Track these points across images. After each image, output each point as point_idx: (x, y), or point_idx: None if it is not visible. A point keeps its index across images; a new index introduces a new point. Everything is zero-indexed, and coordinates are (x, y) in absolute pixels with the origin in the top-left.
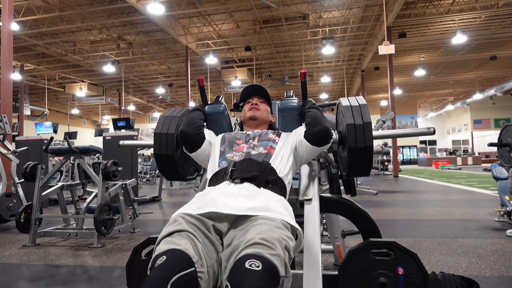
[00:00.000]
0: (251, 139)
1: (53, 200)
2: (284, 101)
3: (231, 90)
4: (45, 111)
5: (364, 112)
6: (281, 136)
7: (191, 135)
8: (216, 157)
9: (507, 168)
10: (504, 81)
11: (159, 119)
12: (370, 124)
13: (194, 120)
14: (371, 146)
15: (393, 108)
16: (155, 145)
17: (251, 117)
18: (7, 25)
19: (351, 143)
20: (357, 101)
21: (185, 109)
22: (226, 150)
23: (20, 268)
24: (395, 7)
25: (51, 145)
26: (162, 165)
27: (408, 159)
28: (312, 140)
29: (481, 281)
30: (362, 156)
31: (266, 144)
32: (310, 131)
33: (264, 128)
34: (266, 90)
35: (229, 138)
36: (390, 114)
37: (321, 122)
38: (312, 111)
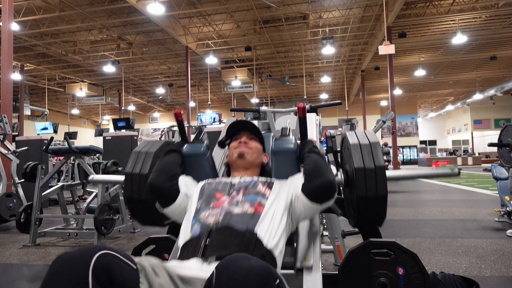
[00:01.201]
0: (235, 190)
1: (53, 200)
2: (279, 142)
3: (231, 90)
4: (45, 111)
5: (376, 153)
6: (273, 188)
7: (163, 188)
8: (190, 216)
9: (507, 168)
10: (504, 81)
11: (131, 155)
12: (383, 168)
13: (167, 167)
14: (384, 195)
15: (393, 108)
16: (126, 188)
17: (239, 154)
18: (7, 25)
19: (361, 191)
20: (367, 137)
21: (162, 142)
22: (202, 207)
23: (20, 268)
24: (395, 7)
25: (51, 145)
26: (135, 211)
27: (408, 159)
28: (311, 196)
29: (481, 281)
30: (374, 207)
31: (253, 199)
32: (309, 184)
33: (255, 172)
34: (256, 126)
35: (208, 190)
36: (390, 114)
37: (323, 173)
38: (312, 157)
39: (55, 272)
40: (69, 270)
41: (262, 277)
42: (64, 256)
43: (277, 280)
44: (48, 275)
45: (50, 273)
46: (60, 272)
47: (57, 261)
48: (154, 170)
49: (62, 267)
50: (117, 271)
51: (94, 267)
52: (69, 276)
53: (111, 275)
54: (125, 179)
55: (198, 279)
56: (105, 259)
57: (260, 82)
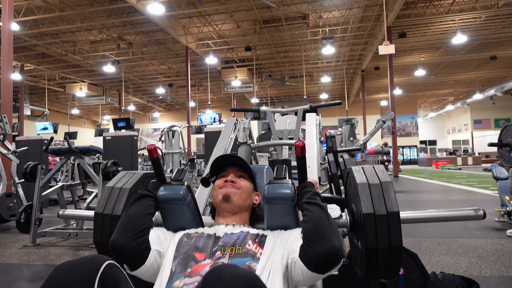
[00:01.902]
0: (220, 250)
1: (53, 200)
2: (272, 186)
3: (231, 90)
4: (45, 111)
5: (388, 195)
6: (265, 246)
7: (128, 248)
8: (162, 283)
9: (507, 168)
10: (504, 81)
11: (103, 191)
12: (397, 214)
13: (135, 221)
14: (399, 247)
15: (393, 108)
16: (95, 230)
17: (224, 196)
18: (7, 25)
19: (370, 241)
20: (377, 175)
21: (140, 174)
22: (177, 271)
23: (20, 268)
24: (395, 7)
25: (51, 145)
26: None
27: (408, 159)
28: (311, 265)
29: (481, 281)
30: (386, 260)
31: (242, 263)
32: (309, 250)
33: (244, 217)
34: (245, 161)
35: (186, 248)
36: (390, 114)
37: (327, 236)
38: (312, 213)
39: (59, 278)
40: (74, 276)
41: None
42: (70, 262)
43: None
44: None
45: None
46: (65, 278)
47: (62, 266)
48: (118, 226)
49: (67, 273)
50: (123, 284)
51: (101, 276)
52: (74, 281)
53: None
54: (95, 221)
55: None
56: (112, 269)
57: (260, 82)
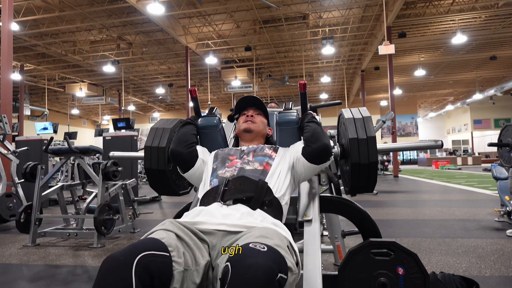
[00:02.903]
0: (245, 154)
1: (53, 200)
2: (282, 114)
3: (231, 90)
4: (45, 111)
5: (368, 126)
6: (278, 152)
7: (182, 154)
8: (208, 175)
9: (507, 168)
10: (504, 81)
11: (149, 131)
12: (374, 138)
13: (185, 136)
14: (375, 162)
15: (393, 108)
16: (146, 159)
17: (246, 129)
18: (7, 25)
19: (354, 158)
20: (361, 113)
21: (177, 120)
22: (219, 167)
23: (20, 268)
24: (395, 7)
25: (51, 145)
26: (153, 180)
27: (408, 159)
28: (310, 158)
29: (481, 281)
30: (366, 173)
31: (262, 159)
32: (308, 148)
33: (260, 142)
34: (262, 102)
35: (222, 155)
36: (390, 114)
37: (320, 138)
38: (310, 126)
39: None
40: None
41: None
42: (110, 258)
43: (278, 275)
44: (99, 277)
45: (101, 274)
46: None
47: (103, 266)
48: (174, 140)
49: (110, 269)
50: (155, 269)
51: (136, 269)
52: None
53: (150, 272)
54: (145, 152)
55: (218, 232)
56: (145, 260)
57: (260, 82)
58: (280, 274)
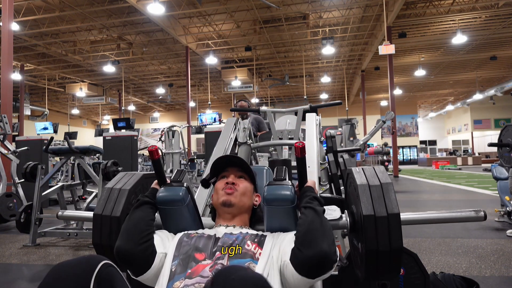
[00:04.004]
0: (219, 251)
1: (53, 200)
2: (272, 188)
3: (231, 90)
4: (45, 111)
5: (388, 197)
6: (264, 246)
7: (134, 253)
8: (162, 284)
9: (507, 168)
10: (504, 81)
11: (102, 191)
12: (397, 216)
13: (138, 227)
14: (399, 249)
15: (393, 108)
16: (94, 231)
17: (224, 202)
18: (7, 25)
19: (371, 243)
20: (378, 176)
21: (140, 175)
22: (177, 272)
23: (20, 268)
24: (395, 7)
25: (51, 145)
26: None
27: (408, 159)
28: (300, 269)
29: (481, 281)
30: (386, 262)
31: (241, 264)
32: (299, 254)
33: (244, 218)
34: (245, 162)
35: (186, 248)
36: (390, 114)
37: (316, 240)
38: (307, 216)
39: (56, 277)
40: (70, 277)
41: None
42: (66, 262)
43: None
44: (47, 279)
45: (50, 277)
46: (61, 277)
47: (58, 266)
48: (122, 232)
49: (63, 273)
50: (119, 284)
51: (97, 276)
52: (70, 282)
53: (112, 285)
54: (94, 222)
55: None
56: (108, 269)
57: (260, 82)
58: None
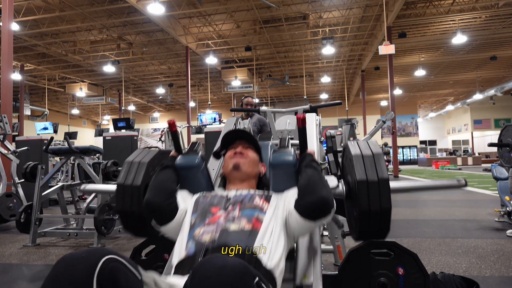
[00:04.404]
0: (231, 205)
1: (53, 200)
2: (277, 154)
3: (231, 90)
4: (45, 111)
5: (379, 165)
6: (271, 201)
7: (161, 207)
8: (184, 234)
9: (507, 168)
10: (504, 81)
11: (123, 165)
12: (387, 181)
13: (164, 184)
14: (388, 209)
15: (393, 108)
16: (117, 199)
17: (234, 165)
18: (7, 25)
19: (363, 204)
20: (370, 148)
21: (156, 151)
22: (197, 223)
23: (20, 268)
24: (395, 7)
25: (51, 145)
26: (127, 224)
27: (408, 159)
28: (303, 213)
29: (481, 281)
30: (377, 221)
31: (251, 214)
32: (301, 202)
33: (252, 183)
34: (252, 135)
35: (203, 204)
36: (390, 114)
37: (317, 189)
38: (307, 173)
39: (58, 273)
40: (73, 273)
41: (237, 274)
42: (68, 257)
43: (256, 278)
44: (50, 276)
45: (53, 274)
46: (63, 274)
47: (60, 262)
48: (150, 188)
49: (65, 269)
50: (122, 279)
51: (99, 272)
52: (72, 279)
53: (115, 282)
54: (117, 191)
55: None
56: (111, 265)
57: (260, 82)
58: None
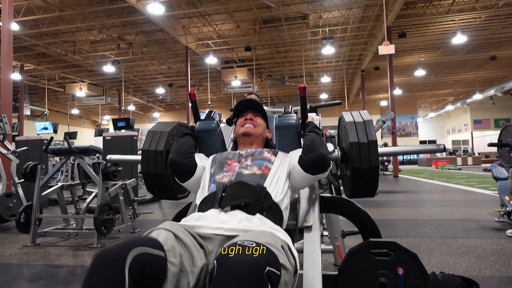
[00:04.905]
0: (244, 158)
1: (53, 200)
2: (282, 118)
3: (231, 90)
4: (45, 111)
5: (369, 129)
6: (277, 155)
7: (182, 164)
8: (206, 180)
9: (507, 168)
10: (504, 81)
11: (147, 135)
12: (375, 142)
13: (185, 146)
14: (377, 166)
15: (393, 108)
16: (143, 163)
17: (244, 133)
18: (7, 25)
19: (355, 163)
20: (361, 116)
21: (175, 123)
22: (216, 172)
23: (20, 268)
24: (395, 7)
25: (51, 145)
26: (151, 184)
27: (408, 159)
28: (305, 167)
29: (481, 281)
30: (367, 177)
31: (261, 163)
32: (305, 157)
33: (260, 145)
34: (261, 105)
35: (220, 159)
36: (390, 114)
37: (318, 148)
38: (310, 135)
39: (96, 270)
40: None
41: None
42: (103, 254)
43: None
44: (91, 271)
45: (93, 268)
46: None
47: (97, 259)
48: (173, 150)
49: (102, 266)
50: (148, 267)
51: (130, 265)
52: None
53: (143, 270)
54: (142, 155)
55: (216, 236)
56: (139, 257)
57: (260, 82)
58: (270, 268)
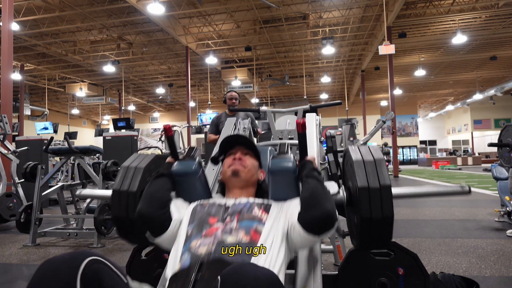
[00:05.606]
0: (229, 215)
1: (53, 200)
2: (277, 161)
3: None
4: (45, 111)
5: (380, 171)
6: (270, 211)
7: (153, 217)
8: (180, 245)
9: (507, 168)
10: (504, 81)
11: (119, 170)
12: (389, 188)
13: (157, 194)
14: (390, 217)
15: (393, 108)
16: (113, 205)
17: (233, 172)
18: (7, 25)
19: (365, 212)
20: (372, 153)
21: (152, 156)
22: (193, 234)
23: (20, 268)
24: (395, 7)
25: (51, 145)
26: (123, 231)
27: (408, 159)
28: (307, 227)
29: (481, 281)
30: (379, 229)
31: (249, 226)
32: (306, 215)
33: (251, 191)
34: (251, 141)
35: (200, 214)
36: (390, 114)
37: (321, 202)
38: (309, 184)
39: (41, 276)
40: (57, 275)
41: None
42: (52, 260)
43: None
44: (35, 278)
45: (37, 276)
46: (47, 276)
47: (44, 264)
48: (143, 198)
49: (49, 271)
50: (107, 280)
51: (83, 273)
52: (56, 280)
53: (100, 282)
54: (112, 197)
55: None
56: (95, 266)
57: (260, 82)
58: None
